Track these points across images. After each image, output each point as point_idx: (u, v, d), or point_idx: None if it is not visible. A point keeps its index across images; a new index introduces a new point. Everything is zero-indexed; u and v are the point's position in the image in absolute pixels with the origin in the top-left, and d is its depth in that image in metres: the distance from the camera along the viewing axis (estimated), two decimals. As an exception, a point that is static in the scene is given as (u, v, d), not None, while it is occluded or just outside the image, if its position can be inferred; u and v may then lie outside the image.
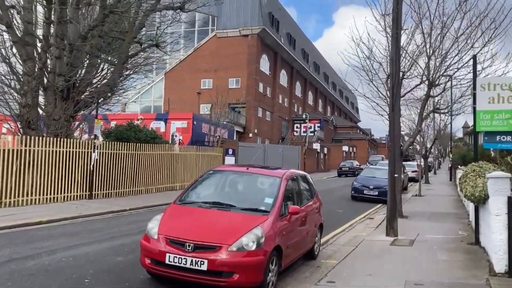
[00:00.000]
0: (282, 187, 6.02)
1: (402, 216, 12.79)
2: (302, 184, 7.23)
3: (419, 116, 13.25)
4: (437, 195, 21.85)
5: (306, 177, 7.59)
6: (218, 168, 7.34)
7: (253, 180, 6.53)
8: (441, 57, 12.90)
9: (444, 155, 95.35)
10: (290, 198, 6.44)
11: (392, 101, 9.04)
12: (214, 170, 6.96)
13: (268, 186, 6.29)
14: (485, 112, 8.45)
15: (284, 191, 6.03)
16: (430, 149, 36.62)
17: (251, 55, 51.79)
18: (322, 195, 20.72)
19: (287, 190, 6.28)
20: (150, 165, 20.19)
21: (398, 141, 9.26)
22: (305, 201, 7.00)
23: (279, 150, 41.23)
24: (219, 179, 6.62)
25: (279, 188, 5.99)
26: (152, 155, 21.12)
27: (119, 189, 17.64)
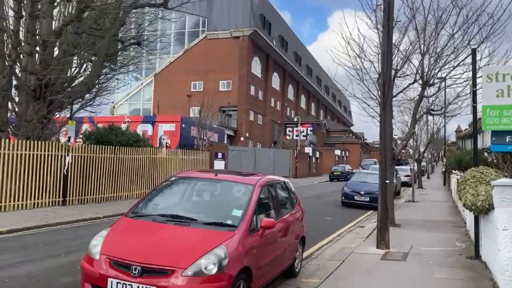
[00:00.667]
0: (254, 197, 5.12)
1: (395, 224, 11.95)
2: (280, 192, 6.35)
3: (413, 118, 12.44)
4: (431, 201, 21.06)
5: (286, 184, 6.70)
6: (182, 174, 6.43)
7: (221, 189, 5.62)
8: (435, 55, 12.13)
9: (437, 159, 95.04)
10: (264, 209, 5.56)
11: (383, 99, 8.20)
12: (177, 177, 6.02)
13: (238, 195, 5.39)
14: (492, 108, 7.20)
15: (257, 201, 5.13)
16: (423, 153, 35.95)
17: (242, 57, 50.97)
18: (311, 201, 20.06)
19: (261, 199, 5.40)
20: (132, 170, 19.28)
21: (389, 144, 8.42)
22: (284, 212, 6.11)
23: (270, 154, 40.39)
24: (181, 188, 5.70)
25: (251, 197, 5.09)
26: (135, 159, 20.22)
27: (97, 195, 16.68)
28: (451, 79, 12.65)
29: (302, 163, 43.10)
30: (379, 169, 8.62)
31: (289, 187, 6.76)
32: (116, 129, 21.00)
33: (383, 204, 8.35)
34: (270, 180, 5.95)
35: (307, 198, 21.03)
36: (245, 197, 5.14)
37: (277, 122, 62.88)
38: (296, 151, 41.54)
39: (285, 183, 6.65)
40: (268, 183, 5.80)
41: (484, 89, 7.31)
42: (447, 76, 12.41)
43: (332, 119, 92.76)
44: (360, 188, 17.42)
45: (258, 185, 5.36)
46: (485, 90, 7.35)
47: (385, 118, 8.27)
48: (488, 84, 7.25)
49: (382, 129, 8.33)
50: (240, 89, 51.03)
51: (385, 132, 8.27)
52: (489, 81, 7.27)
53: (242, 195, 5.26)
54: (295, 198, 6.85)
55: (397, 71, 11.50)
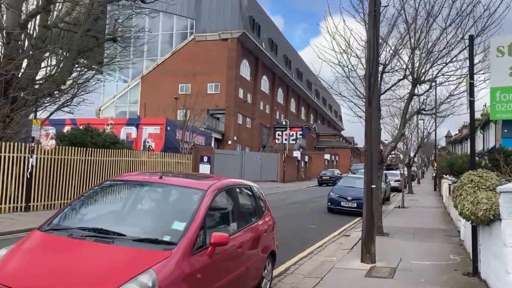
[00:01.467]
0: (204, 205, 4.07)
1: (382, 233, 10.95)
2: (243, 199, 5.31)
3: (402, 117, 11.49)
4: (421, 207, 20.15)
5: (253, 188, 5.65)
6: (119, 177, 5.34)
7: (164, 195, 4.52)
8: (426, 50, 11.21)
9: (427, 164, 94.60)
10: (219, 220, 4.53)
11: (369, 94, 7.23)
12: (113, 180, 4.96)
13: (184, 203, 4.35)
14: (504, 90, 5.76)
15: (207, 210, 4.09)
16: (413, 158, 35.16)
17: (231, 60, 50.05)
18: (296, 207, 19.03)
19: (214, 208, 4.36)
20: (109, 173, 18.26)
21: (376, 144, 7.45)
22: (248, 222, 5.07)
23: (257, 158, 39.36)
24: (115, 193, 4.62)
25: (199, 206, 4.04)
26: (111, 161, 19.14)
27: (66, 200, 15.52)
28: (443, 76, 11.73)
29: (290, 167, 42.11)
30: (364, 172, 7.63)
31: (257, 193, 5.71)
32: (92, 130, 19.92)
33: (369, 212, 7.36)
34: (229, 184, 4.90)
35: (292, 203, 20.04)
36: (192, 205, 4.07)
37: (266, 126, 61.96)
38: (284, 155, 40.51)
39: (251, 188, 5.60)
40: (226, 188, 4.74)
41: (493, 66, 5.91)
42: (439, 73, 11.49)
43: (323, 123, 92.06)
44: (347, 194, 16.42)
45: (211, 190, 4.31)
46: (495, 68, 5.92)
47: (371, 114, 7.29)
48: (498, 60, 5.79)
49: (368, 127, 7.35)
50: (228, 91, 50.09)
51: (371, 131, 7.29)
52: (500, 56, 5.81)
53: (189, 203, 4.20)
54: (263, 205, 5.80)
55: (385, 65, 10.55)
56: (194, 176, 5.23)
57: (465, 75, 11.54)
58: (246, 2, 52.76)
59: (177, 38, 53.97)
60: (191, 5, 53.11)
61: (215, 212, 4.45)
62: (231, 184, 4.91)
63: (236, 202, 4.82)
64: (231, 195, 4.81)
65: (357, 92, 11.75)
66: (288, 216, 15.11)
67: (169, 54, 53.68)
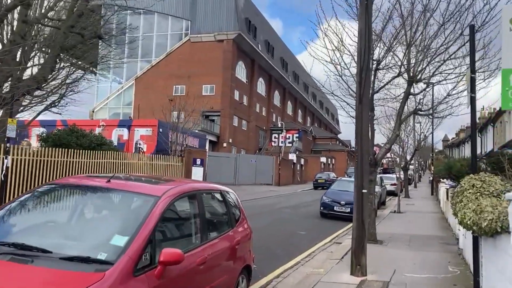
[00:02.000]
0: (154, 215, 3.35)
1: (376, 241, 10.28)
2: (211, 207, 4.61)
3: (397, 118, 10.81)
4: (418, 212, 19.48)
5: (224, 194, 4.92)
6: (59, 180, 4.56)
7: (109, 202, 3.80)
8: (423, 47, 10.57)
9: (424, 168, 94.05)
10: (175, 233, 3.83)
11: (360, 90, 6.57)
12: (51, 184, 4.22)
13: (130, 212, 3.63)
14: None
15: (158, 220, 3.37)
16: (410, 161, 34.55)
17: (226, 61, 49.40)
18: (288, 211, 18.23)
19: (169, 219, 3.65)
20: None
21: (367, 144, 6.77)
22: (216, 234, 4.35)
23: (252, 161, 38.65)
24: (51, 200, 3.88)
25: (148, 216, 3.32)
26: (97, 163, 18.49)
27: (45, 204, 14.79)
28: (441, 75, 11.08)
29: (285, 170, 41.39)
30: (355, 175, 6.95)
31: (229, 199, 4.98)
32: (78, 131, 19.26)
33: (359, 220, 6.67)
34: (191, 189, 4.17)
35: (284, 208, 19.33)
36: (139, 215, 3.35)
37: (263, 128, 61.31)
38: (279, 157, 39.79)
39: (222, 193, 4.88)
40: (188, 194, 4.02)
41: (506, 43, 4.74)
42: (436, 71, 10.83)
43: (319, 126, 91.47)
44: (340, 198, 15.72)
45: (166, 197, 3.59)
46: (507, 45, 4.74)
47: (361, 112, 6.62)
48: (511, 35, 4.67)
49: (359, 126, 6.67)
50: (223, 93, 49.42)
51: (361, 130, 6.61)
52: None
53: (137, 212, 3.49)
54: (237, 213, 5.09)
55: (379, 62, 9.90)
56: (152, 179, 4.50)
57: (464, 73, 10.90)
58: (242, 3, 52.18)
59: (172, 39, 53.32)
60: (186, 6, 52.51)
61: (170, 223, 3.74)
62: (194, 189, 4.18)
63: (200, 210, 4.10)
64: (194, 202, 4.08)
65: (350, 91, 11.11)
66: (278, 221, 14.42)
67: (163, 55, 53.04)
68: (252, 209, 18.08)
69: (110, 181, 3.83)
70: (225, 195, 4.87)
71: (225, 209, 4.78)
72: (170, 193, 3.66)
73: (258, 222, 13.75)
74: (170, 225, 3.72)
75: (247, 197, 23.93)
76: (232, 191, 5.15)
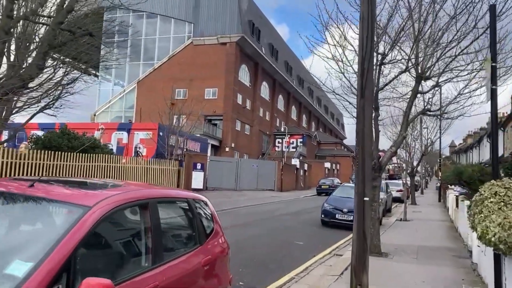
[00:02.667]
0: (77, 232, 2.49)
1: (380, 253, 9.35)
2: (171, 219, 3.70)
3: (404, 118, 9.92)
4: (425, 220, 18.49)
5: (191, 203, 3.93)
6: None
7: (25, 213, 2.92)
8: (432, 40, 9.67)
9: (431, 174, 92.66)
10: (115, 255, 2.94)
11: (362, 81, 5.70)
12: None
13: (46, 228, 2.79)
14: None
15: (83, 239, 2.47)
16: (416, 167, 33.54)
17: (229, 64, 48.65)
18: (288, 219, 17.22)
19: (102, 237, 2.79)
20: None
21: (369, 146, 5.88)
22: (175, 254, 3.41)
23: (254, 166, 37.74)
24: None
25: (68, 233, 2.45)
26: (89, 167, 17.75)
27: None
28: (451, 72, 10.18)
29: (288, 175, 40.43)
30: (355, 181, 6.05)
31: (198, 209, 4.07)
32: (69, 133, 18.49)
33: (360, 232, 5.78)
34: (140, 197, 3.23)
35: (284, 215, 18.41)
36: (55, 232, 2.49)
37: (266, 133, 60.42)
38: (282, 162, 38.84)
39: (189, 202, 3.93)
40: (136, 203, 3.12)
41: None
42: (446, 68, 9.93)
43: (324, 131, 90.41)
44: (342, 205, 14.77)
45: (99, 208, 2.69)
46: None
47: (363, 108, 5.75)
48: None
49: (360, 123, 5.79)
50: (226, 97, 48.65)
51: (363, 128, 5.73)
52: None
53: (53, 228, 2.62)
54: (209, 226, 4.17)
55: (385, 56, 9.01)
56: (93, 184, 3.63)
57: (477, 70, 10.00)
58: (245, 6, 51.51)
59: (175, 42, 52.70)
60: (189, 8, 51.93)
61: (106, 242, 2.86)
62: (145, 197, 3.22)
63: (154, 223, 3.19)
64: (145, 213, 3.17)
65: (353, 89, 10.23)
66: (275, 229, 13.51)
67: (166, 58, 52.42)
68: (250, 215, 17.22)
69: (33, 186, 2.97)
70: (193, 204, 3.96)
71: (192, 221, 3.88)
72: (106, 203, 2.78)
73: (253, 230, 12.86)
74: (105, 245, 2.84)
75: (247, 203, 23.06)
76: (205, 200, 4.26)
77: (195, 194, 4.26)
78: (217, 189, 33.40)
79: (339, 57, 10.05)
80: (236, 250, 9.29)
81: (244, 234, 11.98)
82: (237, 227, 13.37)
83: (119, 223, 3.00)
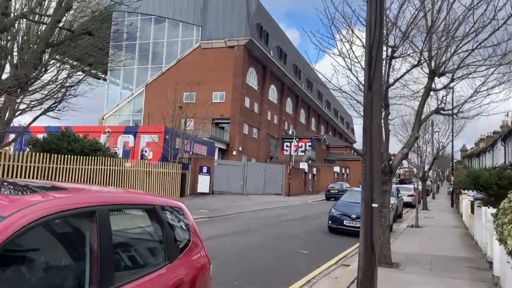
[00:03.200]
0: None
1: (391, 264, 8.61)
2: (126, 232, 3.03)
3: (416, 117, 9.18)
4: (438, 226, 17.65)
5: (156, 210, 3.18)
6: None
7: None
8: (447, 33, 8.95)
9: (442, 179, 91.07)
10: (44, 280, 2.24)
11: (370, 72, 5.02)
12: None
13: None
14: None
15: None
16: (428, 171, 32.60)
17: (237, 68, 48.16)
18: (293, 225, 16.30)
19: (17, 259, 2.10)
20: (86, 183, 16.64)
21: (378, 144, 5.17)
22: (133, 275, 2.70)
23: (261, 169, 37.06)
24: None
25: None
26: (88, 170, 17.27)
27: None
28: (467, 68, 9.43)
29: (296, 179, 39.64)
30: (362, 185, 5.35)
31: (168, 218, 3.32)
32: (70, 136, 18.04)
33: (368, 243, 5.07)
34: (83, 203, 2.54)
35: (289, 220, 17.68)
36: None
37: (274, 137, 59.74)
38: (289, 166, 38.08)
39: (156, 210, 3.16)
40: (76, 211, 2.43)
41: None
42: (461, 63, 9.19)
43: (334, 135, 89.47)
44: (351, 210, 14.00)
45: (16, 218, 1.95)
46: None
47: (371, 102, 5.06)
48: None
49: (368, 119, 5.10)
50: (234, 100, 48.14)
51: (371, 124, 5.04)
52: None
53: None
54: (183, 239, 3.45)
55: (395, 49, 8.30)
56: (15, 187, 2.92)
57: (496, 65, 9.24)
58: (253, 9, 51.06)
59: (183, 46, 52.39)
60: (197, 12, 51.61)
61: (29, 264, 2.19)
62: (91, 204, 2.55)
63: (102, 238, 2.47)
64: (90, 224, 2.44)
65: (361, 87, 9.51)
66: (279, 236, 12.80)
67: (174, 62, 52.13)
68: (254, 221, 16.53)
69: None
70: (161, 212, 3.19)
71: (160, 233, 3.18)
72: (30, 211, 2.09)
73: (255, 238, 12.17)
74: (28, 269, 2.16)
75: (252, 208, 22.38)
76: (180, 206, 3.55)
77: (167, 200, 3.59)
78: (223, 193, 32.78)
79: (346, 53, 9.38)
80: (233, 260, 8.63)
81: (244, 242, 11.30)
82: (238, 234, 12.69)
83: (51, 238, 2.33)
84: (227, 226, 14.52)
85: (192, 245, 3.50)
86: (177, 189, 21.88)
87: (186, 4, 52.27)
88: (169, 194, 21.10)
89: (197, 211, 19.47)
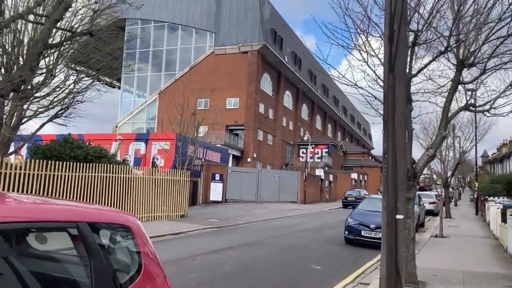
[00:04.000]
0: None
1: (417, 283, 7.46)
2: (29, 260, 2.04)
3: (443, 115, 8.06)
4: (464, 236, 16.31)
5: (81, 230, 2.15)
6: None
7: None
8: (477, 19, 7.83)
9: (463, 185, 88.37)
10: None
11: (391, 49, 3.98)
12: None
13: None
14: None
15: None
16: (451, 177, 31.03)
17: (251, 73, 47.34)
18: (307, 236, 14.74)
19: None
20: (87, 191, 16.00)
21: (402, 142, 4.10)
22: None
23: (275, 177, 35.96)
24: None
25: None
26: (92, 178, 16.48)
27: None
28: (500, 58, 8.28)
29: (312, 187, 38.40)
30: (382, 192, 4.30)
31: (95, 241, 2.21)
32: (72, 142, 17.33)
33: (391, 265, 3.99)
34: None
35: (303, 230, 16.53)
36: None
37: (290, 143, 58.61)
38: (305, 173, 36.90)
39: (80, 229, 2.15)
40: None
41: None
42: (493, 53, 8.06)
43: (351, 141, 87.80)
44: (369, 220, 12.79)
45: None
46: None
47: (394, 85, 4.01)
48: None
49: (389, 108, 4.06)
50: (248, 106, 47.28)
51: (393, 115, 3.99)
52: None
53: None
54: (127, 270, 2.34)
55: (419, 34, 7.21)
56: None
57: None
58: (267, 14, 50.32)
59: (196, 52, 51.89)
60: (210, 18, 51.10)
61: None
62: None
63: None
64: None
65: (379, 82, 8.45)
66: (290, 248, 11.70)
67: (187, 68, 51.62)
68: (265, 231, 15.47)
69: None
70: (87, 232, 2.21)
71: (87, 263, 2.13)
72: None
73: (263, 250, 11.10)
74: None
75: (265, 217, 21.32)
76: (126, 224, 2.48)
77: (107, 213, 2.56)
78: (237, 201, 31.78)
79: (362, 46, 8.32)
80: (234, 278, 7.61)
81: (250, 256, 10.25)
82: (245, 246, 11.65)
83: None
84: (234, 237, 13.50)
85: (144, 277, 2.47)
86: (185, 197, 20.93)
87: (199, 10, 51.83)
88: (179, 203, 20.20)
89: (207, 220, 18.50)
